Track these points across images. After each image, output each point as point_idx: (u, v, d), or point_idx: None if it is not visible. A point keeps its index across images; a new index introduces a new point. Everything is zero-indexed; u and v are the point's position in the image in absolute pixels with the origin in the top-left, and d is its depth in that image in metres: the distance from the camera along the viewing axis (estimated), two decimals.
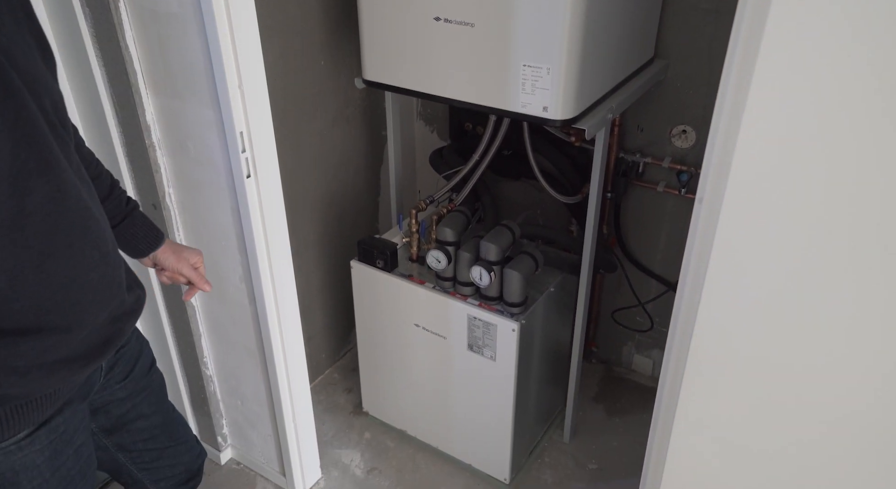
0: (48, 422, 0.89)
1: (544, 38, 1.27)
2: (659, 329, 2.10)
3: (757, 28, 0.72)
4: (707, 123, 1.75)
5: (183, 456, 1.25)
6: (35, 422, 0.87)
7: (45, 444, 0.90)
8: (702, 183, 0.85)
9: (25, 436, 0.87)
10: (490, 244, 1.57)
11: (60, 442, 0.92)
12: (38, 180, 0.78)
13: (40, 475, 0.90)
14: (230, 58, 1.22)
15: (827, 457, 0.91)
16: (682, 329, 0.96)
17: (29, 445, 0.87)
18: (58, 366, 0.85)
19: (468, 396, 1.77)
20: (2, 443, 0.85)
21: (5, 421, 0.84)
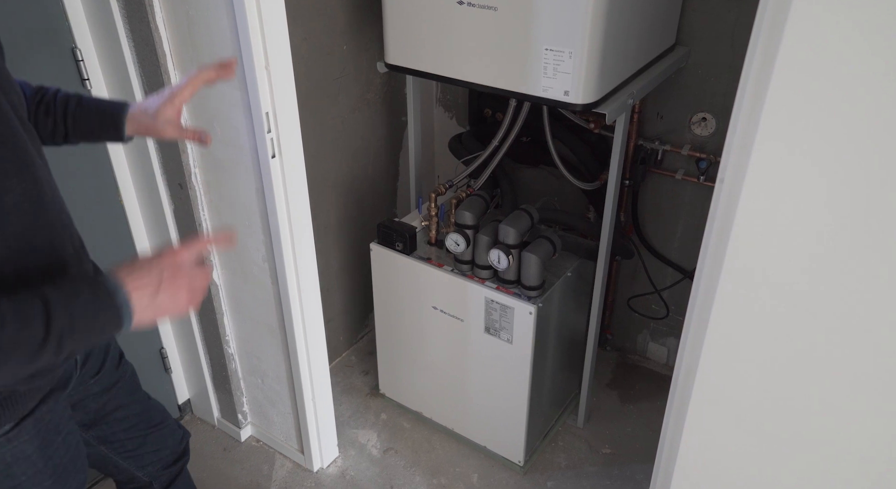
0: (33, 412, 0.90)
1: (567, 21, 1.28)
2: (674, 317, 2.11)
3: (782, 11, 0.73)
4: (728, 111, 1.75)
5: (166, 440, 1.26)
6: (19, 414, 0.88)
7: (34, 434, 0.91)
8: (723, 163, 0.86)
9: (11, 428, 0.88)
10: (509, 227, 1.59)
11: (48, 431, 0.93)
12: (14, 179, 0.78)
13: (33, 465, 0.92)
14: (258, 38, 1.24)
15: (845, 442, 0.92)
16: (699, 312, 0.97)
17: (17, 437, 0.88)
18: (35, 373, 0.85)
19: (484, 379, 1.79)
20: None
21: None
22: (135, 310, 0.77)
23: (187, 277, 0.82)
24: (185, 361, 1.92)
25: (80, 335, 0.75)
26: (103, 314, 0.75)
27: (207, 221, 1.60)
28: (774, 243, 0.84)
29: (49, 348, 0.72)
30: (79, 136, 1.02)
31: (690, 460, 1.07)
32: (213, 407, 1.97)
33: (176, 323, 1.84)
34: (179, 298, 0.81)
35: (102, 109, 1.01)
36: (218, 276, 1.69)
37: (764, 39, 0.76)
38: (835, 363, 0.87)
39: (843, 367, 0.87)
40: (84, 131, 1.01)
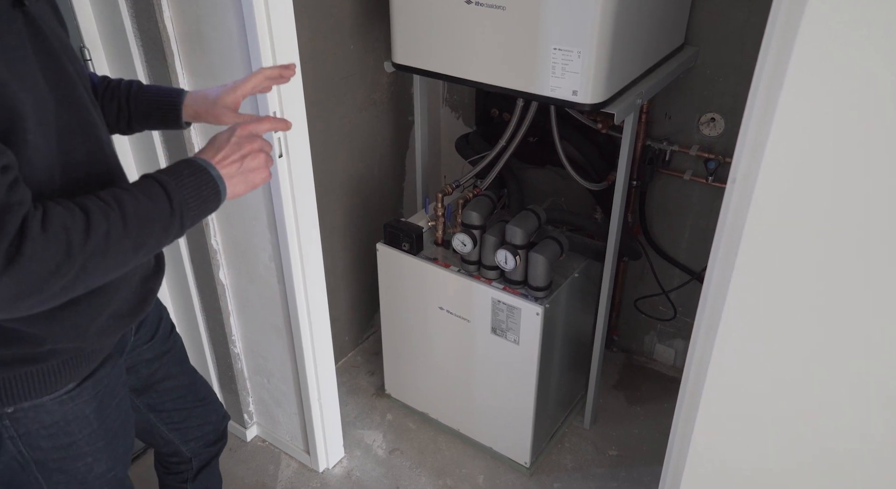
0: (93, 374, 0.96)
1: (575, 21, 1.27)
2: (682, 318, 2.10)
3: (796, 11, 0.72)
4: (737, 112, 1.75)
5: (210, 415, 1.31)
6: (82, 374, 0.94)
7: (92, 396, 0.96)
8: (735, 163, 0.85)
9: (74, 387, 0.93)
10: (516, 228, 1.58)
11: (104, 394, 0.98)
12: (79, 137, 0.83)
13: (89, 425, 0.97)
14: (265, 37, 1.24)
15: (857, 445, 0.91)
16: (710, 313, 0.96)
17: (78, 396, 0.94)
18: (108, 322, 0.92)
19: (490, 380, 1.79)
20: (54, 393, 0.91)
21: (57, 372, 0.90)
22: (227, 181, 0.85)
23: (260, 143, 0.89)
24: (191, 361, 1.92)
25: (193, 209, 0.82)
26: (205, 188, 0.83)
27: (214, 220, 1.60)
28: (787, 244, 0.83)
29: (176, 221, 0.80)
30: (140, 120, 1.06)
31: (700, 462, 1.07)
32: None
33: (182, 322, 1.84)
34: (261, 164, 0.88)
35: (162, 93, 1.05)
36: (224, 276, 1.69)
37: (777, 38, 0.75)
38: (848, 366, 0.86)
39: (856, 370, 0.86)
40: (144, 114, 1.05)
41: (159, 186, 0.80)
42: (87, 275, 0.73)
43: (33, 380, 0.88)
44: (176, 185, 0.80)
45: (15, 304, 0.70)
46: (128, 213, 0.76)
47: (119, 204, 0.76)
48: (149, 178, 0.81)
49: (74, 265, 0.71)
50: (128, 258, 0.77)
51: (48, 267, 0.69)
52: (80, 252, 0.71)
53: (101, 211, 0.74)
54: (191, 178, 0.82)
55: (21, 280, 0.68)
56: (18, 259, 0.67)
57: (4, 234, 0.67)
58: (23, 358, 0.86)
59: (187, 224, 0.82)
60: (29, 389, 0.89)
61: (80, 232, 0.72)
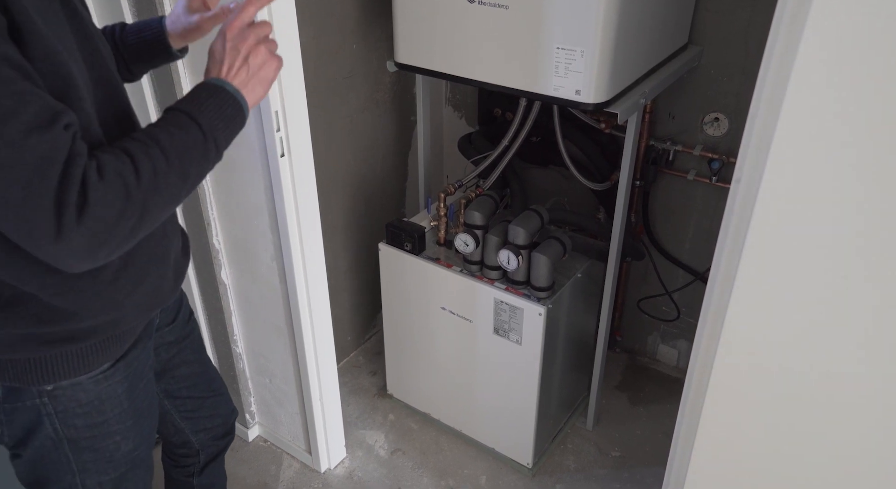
0: (125, 356, 0.99)
1: (579, 20, 1.27)
2: (685, 319, 2.09)
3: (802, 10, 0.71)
4: (741, 112, 1.74)
5: (221, 407, 1.33)
6: (116, 355, 0.97)
7: (124, 376, 0.99)
8: (740, 162, 0.84)
9: (108, 368, 0.97)
10: (518, 228, 1.58)
11: (134, 376, 1.02)
12: (113, 117, 0.86)
13: (120, 405, 1.00)
14: None
15: (865, 447, 0.91)
16: (714, 313, 0.95)
17: (112, 376, 0.98)
18: (143, 299, 0.95)
19: (493, 380, 1.78)
20: (91, 373, 0.95)
21: (94, 353, 0.93)
22: (243, 90, 0.85)
23: (255, 35, 0.86)
24: None
25: (222, 129, 0.83)
26: (227, 106, 0.84)
27: (216, 220, 1.60)
28: (792, 244, 0.83)
29: (211, 145, 0.82)
30: (134, 61, 1.05)
31: (704, 464, 1.06)
32: None
33: None
34: (265, 57, 0.87)
35: (142, 27, 1.04)
36: (226, 276, 1.68)
37: (783, 37, 0.75)
38: (856, 366, 0.86)
39: (865, 370, 0.85)
40: (136, 54, 1.04)
41: (184, 115, 0.81)
42: (149, 212, 0.76)
43: (72, 359, 0.92)
44: (199, 111, 0.81)
45: (93, 254, 0.73)
46: (165, 146, 0.78)
47: (155, 141, 0.78)
48: (171, 110, 0.82)
49: (136, 205, 0.74)
50: (178, 190, 0.80)
51: (114, 210, 0.72)
52: (137, 192, 0.74)
53: (141, 150, 0.76)
54: (210, 99, 0.83)
55: (94, 227, 0.71)
56: (87, 208, 0.70)
57: (71, 185, 0.69)
58: (64, 336, 0.89)
59: (222, 145, 0.84)
60: (69, 368, 0.92)
61: (131, 173, 0.74)
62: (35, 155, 0.67)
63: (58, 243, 0.70)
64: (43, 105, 0.69)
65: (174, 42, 1.03)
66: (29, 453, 0.98)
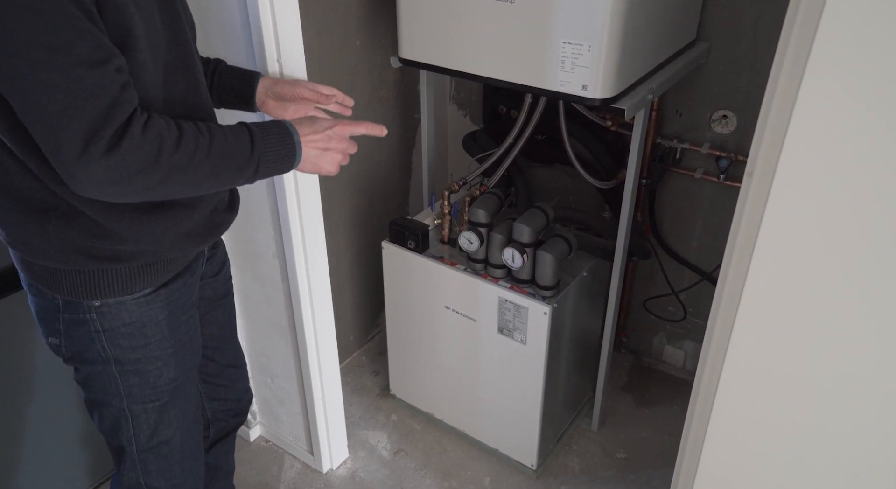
0: (167, 285, 1.05)
1: (586, 14, 1.25)
2: (692, 320, 2.07)
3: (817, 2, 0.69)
4: (749, 108, 1.72)
5: (238, 382, 1.37)
6: (158, 282, 1.03)
7: (165, 304, 1.06)
8: (752, 155, 0.82)
9: (150, 292, 1.03)
10: (523, 226, 1.56)
11: (175, 306, 1.08)
12: (181, 75, 0.95)
13: (161, 330, 1.06)
14: (270, 31, 1.22)
15: (877, 448, 0.88)
16: (724, 312, 0.93)
17: (154, 301, 1.04)
18: (181, 238, 1.02)
19: (497, 380, 1.76)
20: (135, 294, 1.01)
21: (137, 275, 1.00)
22: (303, 156, 0.98)
23: (346, 145, 1.03)
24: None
25: (270, 162, 0.94)
26: (285, 147, 0.95)
27: None
28: (806, 241, 0.80)
29: (252, 165, 0.92)
30: (217, 92, 1.15)
31: (713, 467, 1.04)
32: None
33: None
34: (335, 160, 1.02)
35: (241, 71, 1.17)
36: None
37: (798, 29, 0.73)
38: (868, 368, 0.83)
39: (877, 372, 0.83)
40: (223, 87, 1.15)
41: (248, 132, 0.92)
42: (167, 184, 0.84)
43: (117, 277, 0.99)
44: (262, 136, 0.92)
45: (104, 187, 0.81)
46: (215, 143, 0.87)
47: (210, 134, 0.88)
48: (242, 124, 0.93)
49: (160, 170, 0.82)
50: (202, 181, 0.88)
51: (138, 164, 0.80)
52: (167, 160, 0.83)
53: (193, 134, 0.86)
54: (277, 136, 0.94)
55: (114, 167, 0.79)
56: (117, 149, 0.79)
57: (111, 124, 0.78)
58: (110, 255, 0.96)
59: (261, 172, 0.93)
60: (114, 286, 0.99)
61: (171, 145, 0.83)
62: (80, 85, 0.76)
63: (77, 163, 0.77)
64: (98, 44, 0.77)
65: (260, 93, 1.16)
66: (84, 369, 1.06)
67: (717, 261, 1.90)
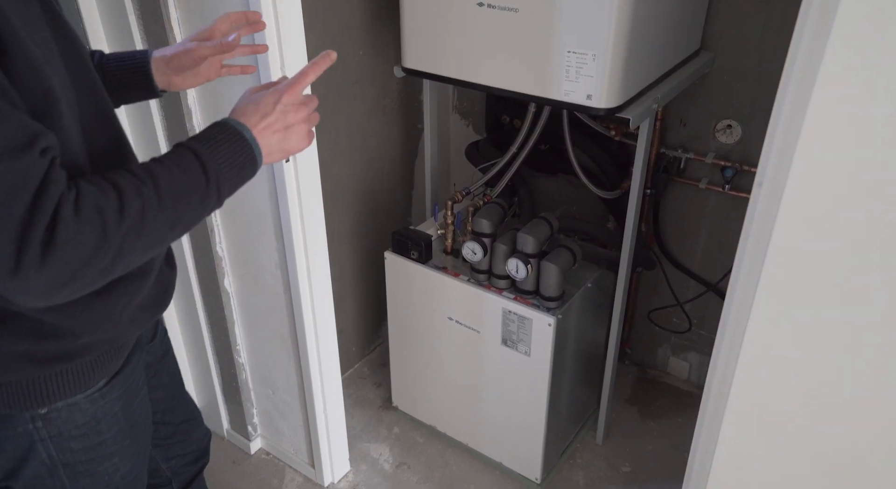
0: (120, 371, 0.94)
1: (590, 23, 1.24)
2: (697, 331, 2.05)
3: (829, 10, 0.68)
4: (754, 118, 1.71)
5: (193, 432, 1.26)
6: (112, 370, 0.92)
7: (120, 393, 0.94)
8: (762, 165, 0.81)
9: (105, 384, 0.92)
10: (527, 236, 1.54)
11: (130, 391, 0.97)
12: (98, 124, 0.81)
13: (118, 423, 0.95)
14: (274, 42, 1.21)
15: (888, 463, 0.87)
16: (733, 325, 0.91)
17: (108, 393, 0.92)
18: (138, 313, 0.89)
19: (501, 392, 1.74)
20: (88, 391, 0.90)
21: (90, 369, 0.88)
22: (264, 149, 0.81)
23: (307, 110, 0.85)
24: (194, 371, 1.89)
25: (230, 178, 0.78)
26: (240, 154, 0.79)
27: (220, 227, 1.57)
28: (819, 251, 0.79)
29: (212, 192, 0.76)
30: (111, 90, 0.98)
31: (723, 481, 1.02)
32: (223, 418, 1.93)
33: (187, 332, 1.81)
34: (303, 133, 0.85)
35: (125, 56, 1.00)
36: (230, 284, 1.65)
37: (808, 37, 0.72)
38: (880, 381, 0.82)
39: (889, 386, 0.81)
40: (115, 83, 0.99)
41: (192, 156, 0.75)
42: (125, 255, 0.70)
43: (68, 377, 0.86)
44: (210, 154, 0.76)
45: (54, 292, 0.67)
46: (162, 187, 0.72)
47: (153, 178, 0.72)
48: (181, 146, 0.77)
49: (111, 247, 0.68)
50: (165, 235, 0.74)
51: (85, 252, 0.66)
52: (115, 233, 0.68)
53: (133, 187, 0.70)
54: (226, 144, 0.78)
55: (58, 268, 0.65)
56: (53, 247, 0.64)
57: (39, 219, 0.63)
58: (59, 355, 0.84)
59: (225, 194, 0.78)
60: (65, 388, 0.87)
61: (113, 212, 0.68)
62: (4, 182, 0.62)
63: (13, 280, 0.64)
64: (19, 126, 0.63)
65: (159, 76, 0.99)
66: (20, 486, 0.91)
67: (722, 271, 1.89)
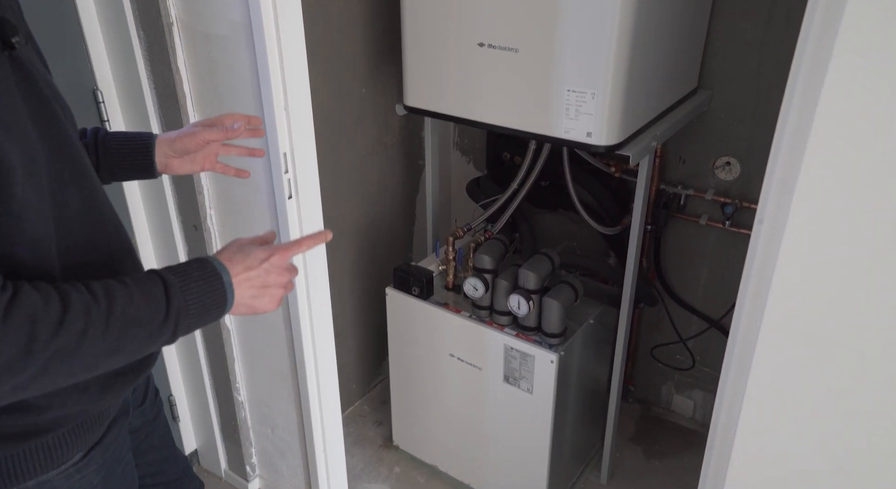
0: (100, 441, 0.88)
1: (589, 62, 1.26)
2: (700, 368, 2.03)
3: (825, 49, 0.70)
4: (752, 155, 1.72)
5: (186, 488, 1.20)
6: (90, 442, 0.86)
7: (100, 465, 0.88)
8: (762, 202, 0.81)
9: (81, 458, 0.85)
10: (529, 272, 1.54)
11: (112, 461, 0.91)
12: (73, 189, 0.77)
13: None
14: (277, 79, 1.23)
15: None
16: (738, 364, 0.91)
17: (86, 467, 0.86)
18: (111, 380, 0.84)
19: (503, 431, 1.71)
20: (61, 466, 0.83)
21: (64, 443, 0.82)
22: (237, 299, 0.78)
23: (288, 277, 0.83)
24: (193, 410, 1.86)
25: (193, 316, 0.74)
26: (211, 296, 0.75)
27: None
28: (822, 287, 0.79)
29: (167, 329, 0.72)
30: (110, 166, 1.00)
31: None
32: (221, 458, 1.89)
33: (186, 369, 1.79)
34: (276, 297, 0.82)
35: (131, 137, 1.01)
36: (230, 321, 1.64)
37: (804, 75, 0.73)
38: (891, 418, 0.80)
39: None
40: (114, 160, 1.00)
41: (161, 286, 0.72)
42: (46, 375, 0.64)
43: (39, 454, 0.80)
44: (179, 289, 0.73)
45: None
46: (115, 311, 0.67)
47: (108, 299, 0.68)
48: (153, 273, 0.74)
49: (33, 363, 0.62)
50: (98, 362, 0.68)
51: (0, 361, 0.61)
52: (42, 349, 0.62)
53: (82, 305, 0.66)
54: (200, 282, 0.74)
55: None
56: None
57: None
58: (27, 430, 0.77)
59: (181, 332, 0.74)
60: (35, 465, 0.80)
61: (49, 326, 0.63)
62: None
63: None
64: None
65: (160, 158, 1.00)
66: None
67: (724, 307, 1.88)
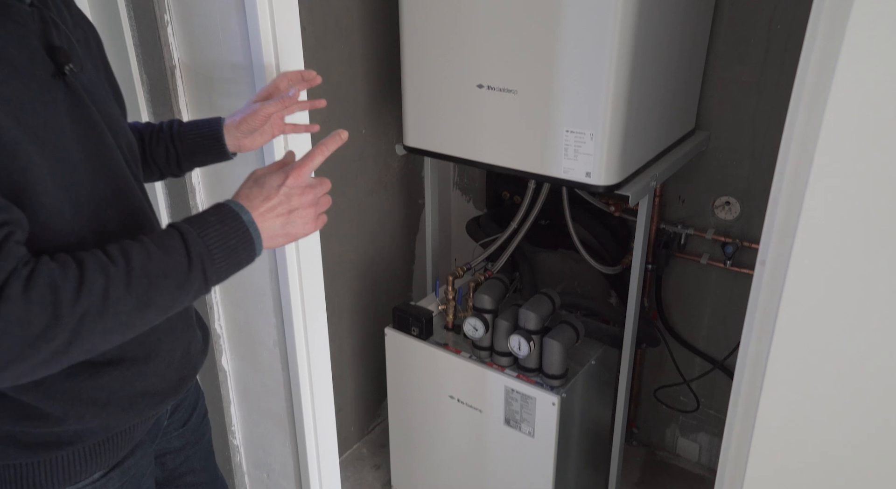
0: (121, 463, 0.87)
1: (588, 103, 1.28)
2: (705, 410, 1.99)
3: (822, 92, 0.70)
4: (752, 195, 1.72)
5: None
6: (110, 462, 0.86)
7: (118, 487, 0.88)
8: (763, 244, 0.81)
9: (100, 477, 0.85)
10: (529, 312, 1.52)
11: (130, 485, 0.90)
12: (114, 210, 0.79)
13: None
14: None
15: None
16: (744, 404, 0.89)
17: (103, 487, 0.86)
18: (136, 399, 0.83)
19: (504, 476, 1.67)
20: (79, 483, 0.83)
21: (83, 460, 0.82)
22: (265, 233, 0.77)
23: (314, 195, 0.81)
24: None
25: (219, 261, 0.73)
26: (234, 238, 0.74)
27: (219, 303, 1.55)
28: (826, 328, 0.77)
29: (195, 276, 0.72)
30: (187, 156, 1.03)
31: None
32: None
33: None
34: (309, 218, 0.81)
35: (201, 125, 1.03)
36: (227, 362, 1.62)
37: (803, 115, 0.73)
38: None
39: None
40: (190, 150, 1.02)
41: (178, 236, 0.72)
42: (83, 338, 0.65)
43: (58, 467, 0.80)
44: (197, 235, 0.72)
45: None
46: (134, 267, 0.68)
47: (125, 257, 0.68)
48: (170, 226, 0.74)
49: (64, 327, 0.64)
50: (133, 319, 0.69)
51: (32, 330, 0.62)
52: (70, 313, 0.64)
53: (99, 266, 0.67)
54: (218, 226, 0.74)
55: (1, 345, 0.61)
56: None
57: None
58: (47, 440, 0.78)
59: (213, 278, 0.73)
60: (53, 479, 0.81)
61: (70, 290, 0.64)
62: None
63: None
64: None
65: (230, 140, 1.03)
66: None
67: (727, 347, 1.85)
